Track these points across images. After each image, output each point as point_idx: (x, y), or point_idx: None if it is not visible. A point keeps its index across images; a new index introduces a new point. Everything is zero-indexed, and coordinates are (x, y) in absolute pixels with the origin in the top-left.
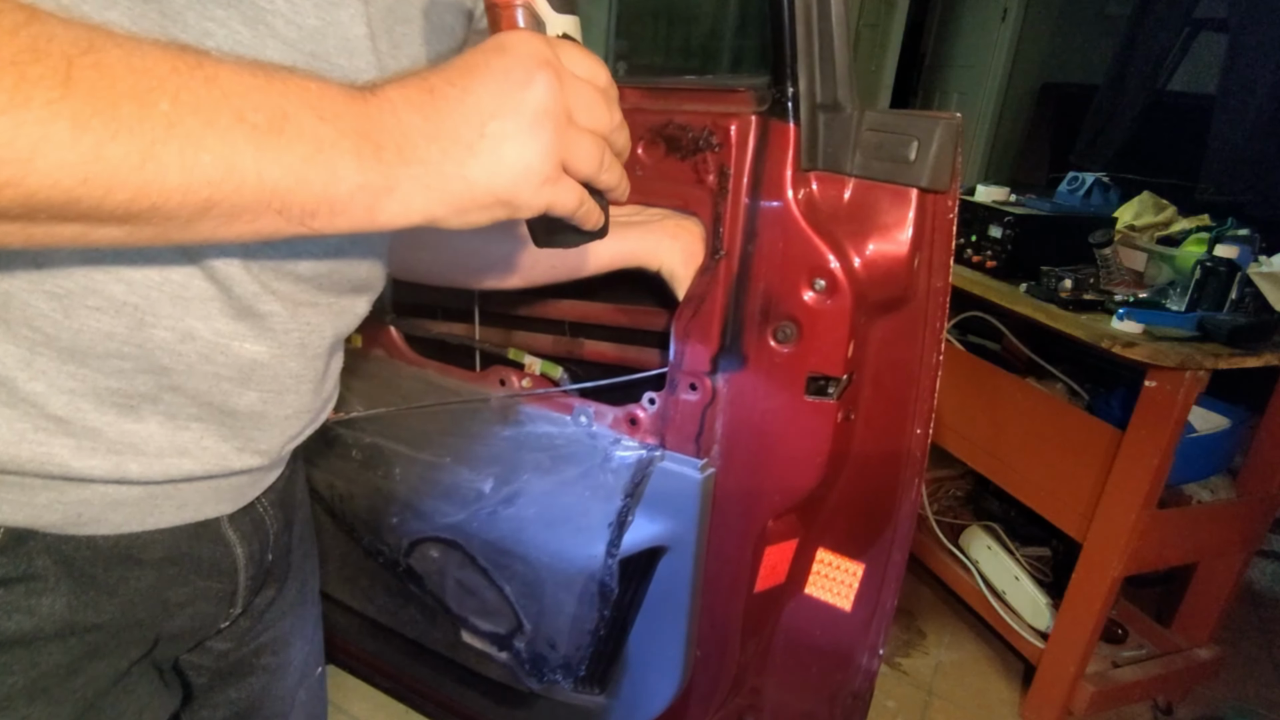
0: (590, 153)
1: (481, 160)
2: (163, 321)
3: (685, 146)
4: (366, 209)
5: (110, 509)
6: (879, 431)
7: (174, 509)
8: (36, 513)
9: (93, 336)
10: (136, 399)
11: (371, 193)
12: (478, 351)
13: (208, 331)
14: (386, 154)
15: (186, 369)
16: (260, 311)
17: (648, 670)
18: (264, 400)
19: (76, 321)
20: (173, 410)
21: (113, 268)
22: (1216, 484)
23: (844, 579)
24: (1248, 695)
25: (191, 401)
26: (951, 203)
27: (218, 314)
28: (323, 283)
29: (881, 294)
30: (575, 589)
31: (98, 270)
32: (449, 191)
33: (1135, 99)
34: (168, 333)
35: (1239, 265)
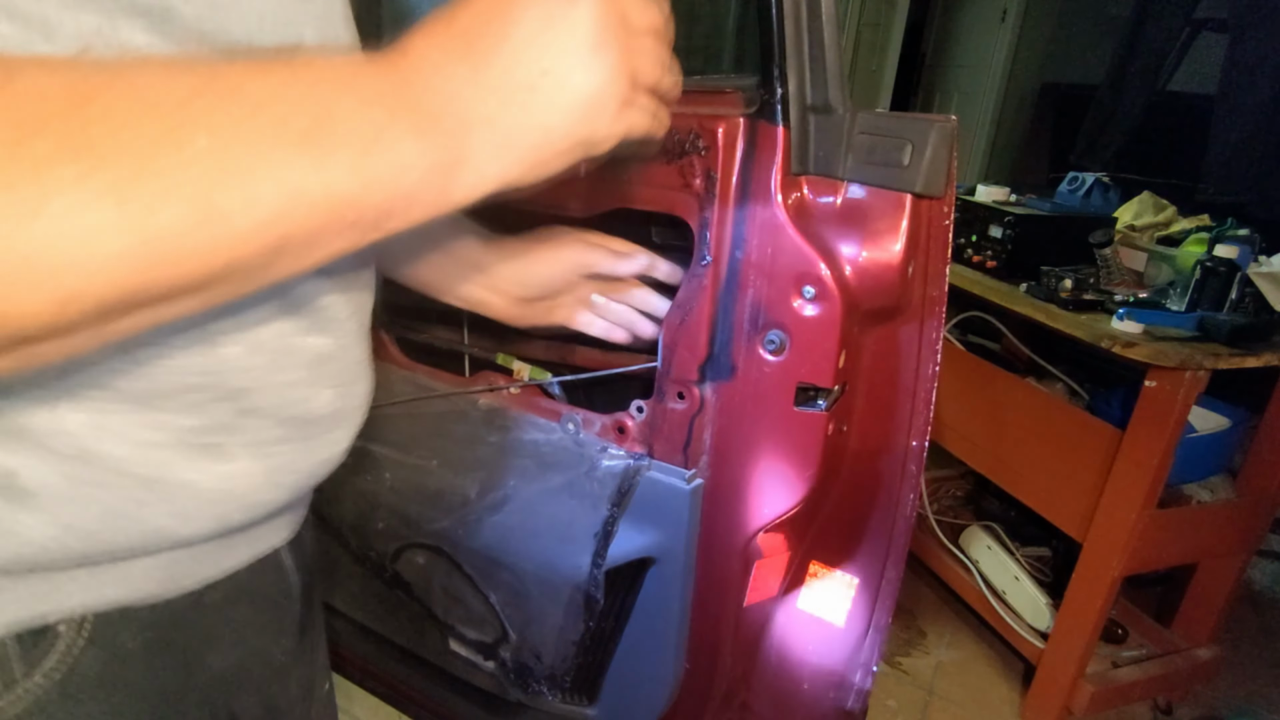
0: (656, 55)
1: (549, 100)
2: (229, 337)
3: (671, 150)
4: (440, 191)
5: (197, 561)
6: (873, 444)
7: (247, 545)
8: (134, 586)
9: (165, 375)
10: (220, 434)
11: (443, 171)
12: (467, 357)
13: (273, 336)
14: (446, 122)
15: (261, 385)
16: (319, 303)
17: (635, 683)
18: (340, 396)
19: (146, 364)
20: (258, 437)
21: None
22: (1216, 484)
23: (837, 594)
24: (1248, 695)
25: (273, 421)
26: (947, 208)
27: (279, 314)
28: (362, 257)
29: (874, 303)
30: (561, 599)
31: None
32: (524, 146)
33: (1135, 99)
34: (236, 347)
35: (1239, 265)
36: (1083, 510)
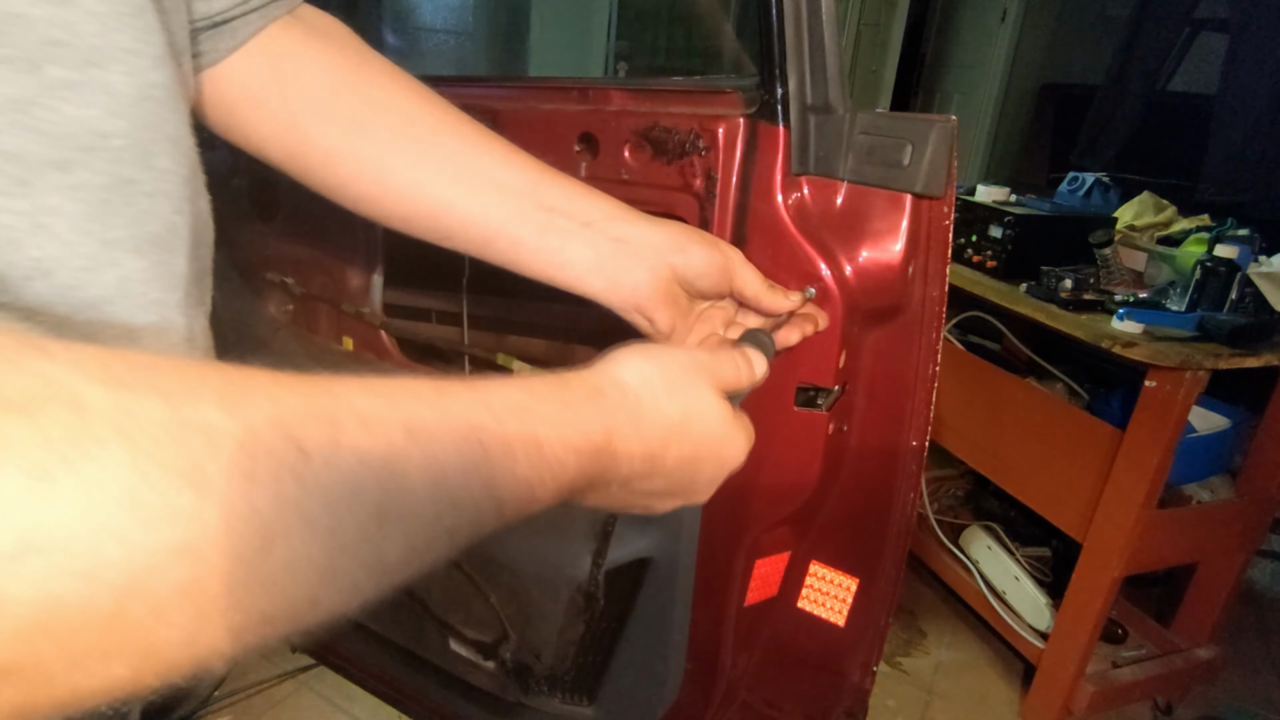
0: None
1: (665, 506)
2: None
3: (672, 150)
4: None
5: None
6: (873, 444)
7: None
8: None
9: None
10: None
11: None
12: (466, 357)
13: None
14: (597, 493)
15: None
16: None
17: (637, 683)
18: None
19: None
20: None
21: None
22: (1216, 484)
23: (837, 593)
24: (1248, 695)
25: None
26: (947, 209)
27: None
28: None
29: (874, 303)
30: (561, 599)
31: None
32: (629, 509)
33: (1135, 99)
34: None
35: (1239, 265)
36: (1083, 510)
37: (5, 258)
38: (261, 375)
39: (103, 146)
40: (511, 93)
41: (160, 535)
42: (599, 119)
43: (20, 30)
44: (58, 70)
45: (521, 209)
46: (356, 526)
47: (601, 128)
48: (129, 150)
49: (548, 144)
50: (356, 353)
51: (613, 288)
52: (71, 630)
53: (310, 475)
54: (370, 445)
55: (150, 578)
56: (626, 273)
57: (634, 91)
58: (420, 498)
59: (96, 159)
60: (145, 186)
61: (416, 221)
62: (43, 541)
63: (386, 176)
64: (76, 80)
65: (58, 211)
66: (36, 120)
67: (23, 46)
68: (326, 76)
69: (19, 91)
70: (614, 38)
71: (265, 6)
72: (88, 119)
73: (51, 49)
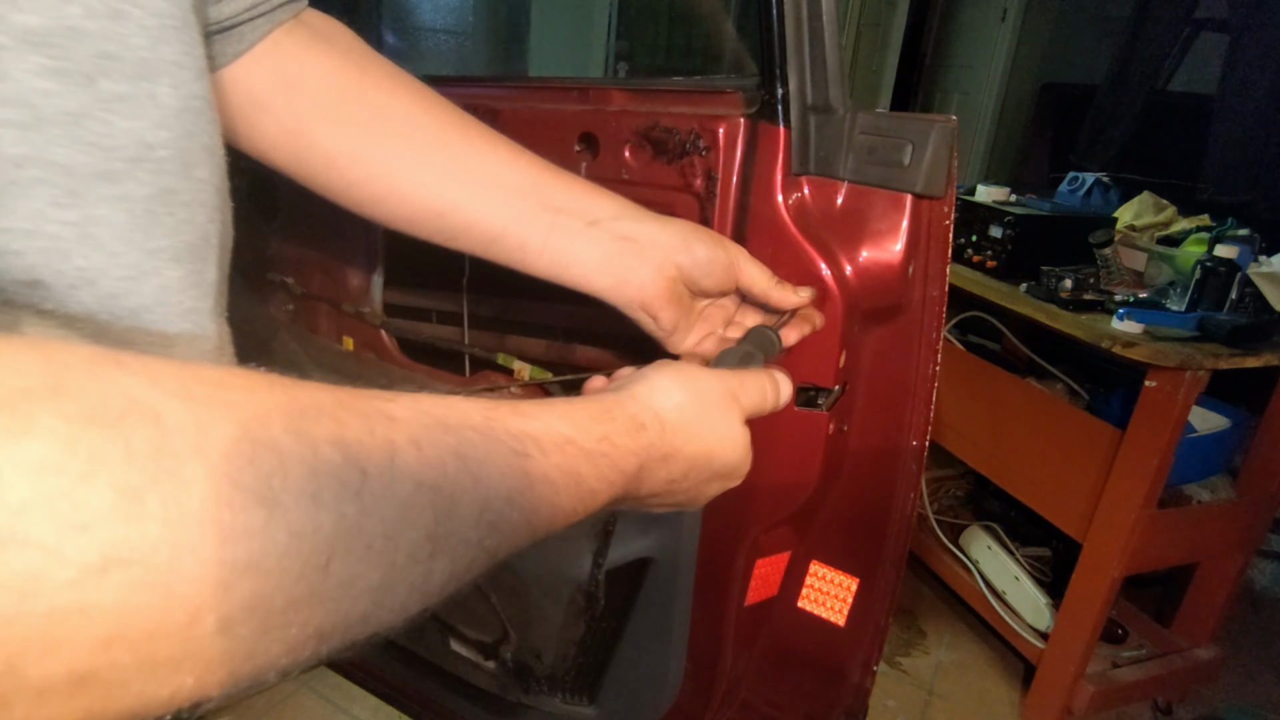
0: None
1: (662, 512)
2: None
3: (672, 150)
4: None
5: None
6: (873, 444)
7: None
8: None
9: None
10: None
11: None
12: (467, 356)
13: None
14: (622, 503)
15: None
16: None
17: (637, 683)
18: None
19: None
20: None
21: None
22: (1216, 484)
23: (837, 593)
24: (1248, 695)
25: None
26: (947, 209)
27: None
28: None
29: (874, 303)
30: (561, 599)
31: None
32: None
33: (1135, 99)
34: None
35: (1239, 265)
36: (1083, 510)
37: (53, 267)
38: (324, 395)
39: (148, 158)
40: (512, 93)
41: (233, 552)
42: (599, 119)
43: (76, 44)
44: (110, 83)
45: (527, 209)
46: (409, 548)
47: (602, 128)
48: (172, 161)
49: (548, 144)
50: (356, 353)
51: (619, 286)
52: (148, 641)
53: (369, 497)
54: (424, 470)
55: (222, 593)
56: (632, 271)
57: (634, 91)
58: (466, 522)
59: (142, 170)
60: (184, 196)
61: (422, 223)
62: (127, 556)
63: (391, 179)
64: (127, 93)
65: (104, 222)
66: (88, 132)
67: (78, 60)
68: (330, 80)
69: (73, 104)
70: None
71: (272, 11)
72: (135, 131)
73: (105, 62)
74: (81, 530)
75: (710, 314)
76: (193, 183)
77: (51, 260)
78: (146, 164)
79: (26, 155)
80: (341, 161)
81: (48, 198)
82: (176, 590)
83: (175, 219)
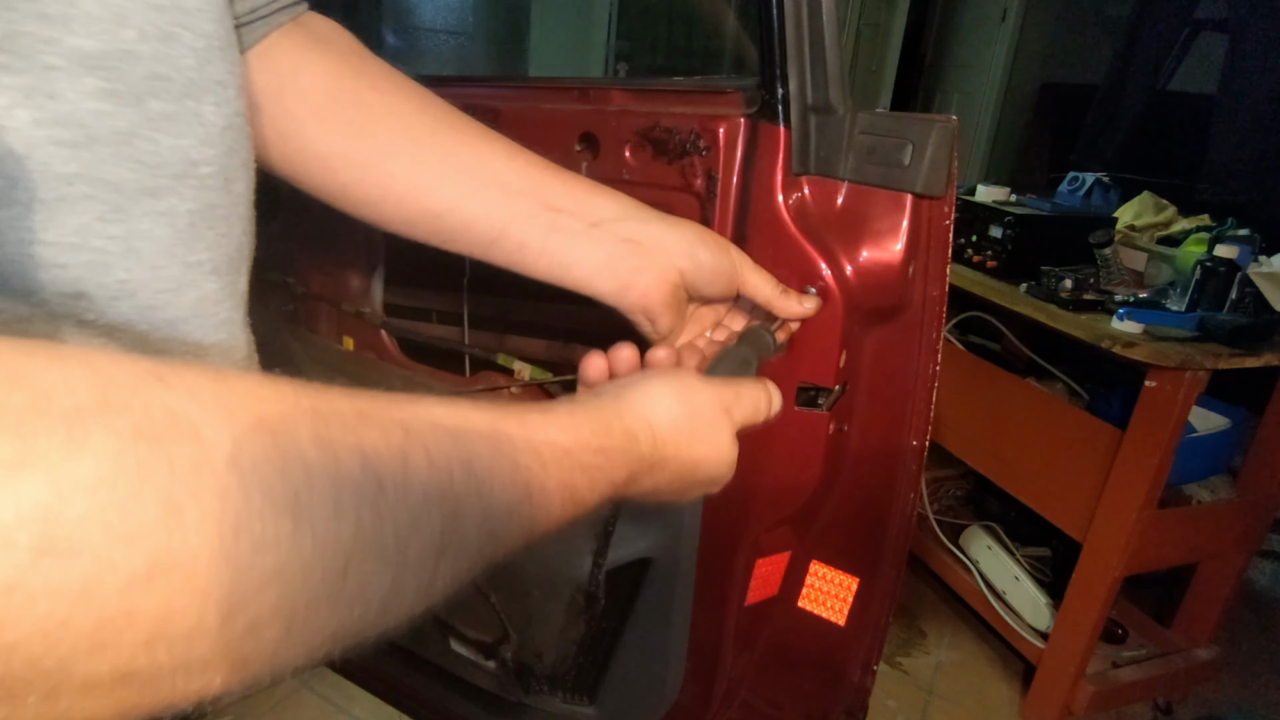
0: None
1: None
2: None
3: (672, 150)
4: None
5: None
6: (874, 443)
7: None
8: None
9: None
10: None
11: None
12: (467, 356)
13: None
14: (617, 494)
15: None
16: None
17: (637, 682)
18: None
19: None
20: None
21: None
22: (1216, 484)
23: (838, 593)
24: (1248, 695)
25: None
26: (947, 208)
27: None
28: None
29: (875, 302)
30: (562, 599)
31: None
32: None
33: (1135, 99)
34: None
35: (1239, 265)
36: (1083, 510)
37: (96, 279)
38: (345, 404)
39: (192, 174)
40: (512, 93)
41: (264, 560)
42: (600, 119)
43: (129, 66)
44: (158, 103)
45: (526, 209)
46: (418, 555)
47: (602, 128)
48: (214, 177)
49: (548, 144)
50: (356, 353)
51: (621, 290)
52: (185, 642)
53: (384, 505)
54: (435, 482)
55: (252, 597)
56: (636, 275)
57: (635, 92)
58: (470, 530)
59: (185, 186)
60: (223, 211)
61: (419, 225)
62: (169, 564)
63: (386, 180)
64: (174, 112)
65: (148, 236)
66: (136, 151)
67: (130, 81)
68: (324, 82)
69: (124, 124)
70: (614, 38)
71: (272, 14)
72: (181, 149)
73: (155, 83)
74: (130, 541)
75: (701, 315)
76: (231, 197)
77: (95, 273)
78: (190, 180)
79: (77, 173)
80: (335, 163)
81: (95, 213)
82: (212, 595)
83: (215, 233)
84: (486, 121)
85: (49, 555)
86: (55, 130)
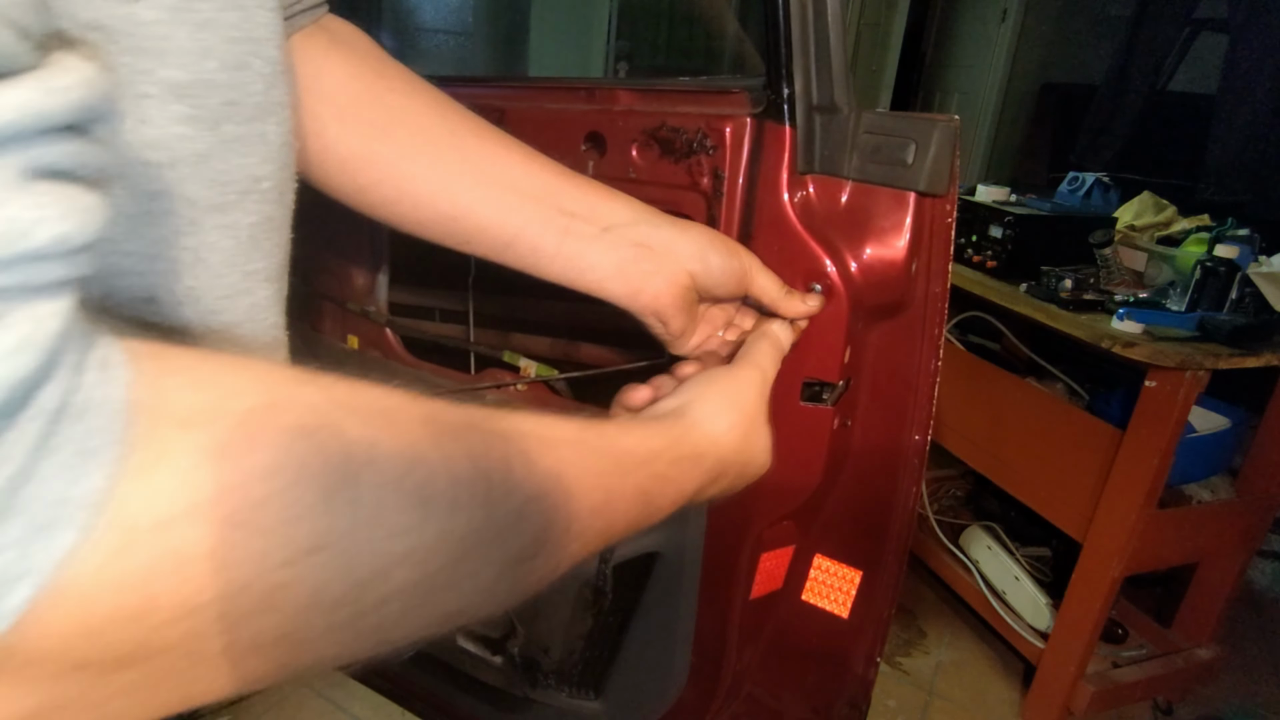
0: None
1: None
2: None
3: (679, 149)
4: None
5: None
6: (877, 438)
7: None
8: None
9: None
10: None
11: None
12: (472, 354)
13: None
14: (689, 502)
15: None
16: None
17: (643, 676)
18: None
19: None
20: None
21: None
22: (1216, 484)
23: (841, 586)
24: (1248, 695)
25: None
26: (950, 207)
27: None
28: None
29: (878, 299)
30: (568, 594)
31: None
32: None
33: (1135, 99)
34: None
35: (1239, 265)
36: (1083, 510)
37: (167, 286)
38: (453, 413)
39: (255, 190)
40: (519, 92)
41: (396, 544)
42: (606, 118)
43: (209, 94)
44: (232, 127)
45: (541, 213)
46: (518, 552)
47: (609, 127)
48: (272, 191)
49: (555, 143)
50: (361, 351)
51: (634, 294)
52: (333, 609)
53: (494, 506)
54: (532, 485)
55: (383, 576)
56: (647, 279)
57: (641, 91)
58: (559, 530)
59: (249, 201)
60: (278, 222)
61: (435, 227)
62: (324, 543)
63: (405, 181)
64: (243, 134)
65: (215, 248)
66: (211, 170)
67: (209, 108)
68: (346, 84)
69: (202, 146)
70: (614, 38)
71: (294, 17)
72: (247, 166)
73: (229, 108)
74: (295, 522)
75: (713, 315)
76: (284, 209)
77: (167, 280)
78: (253, 195)
79: (160, 190)
80: (355, 164)
81: (172, 227)
82: (355, 570)
83: (270, 243)
84: (492, 120)
85: (238, 529)
86: (145, 152)
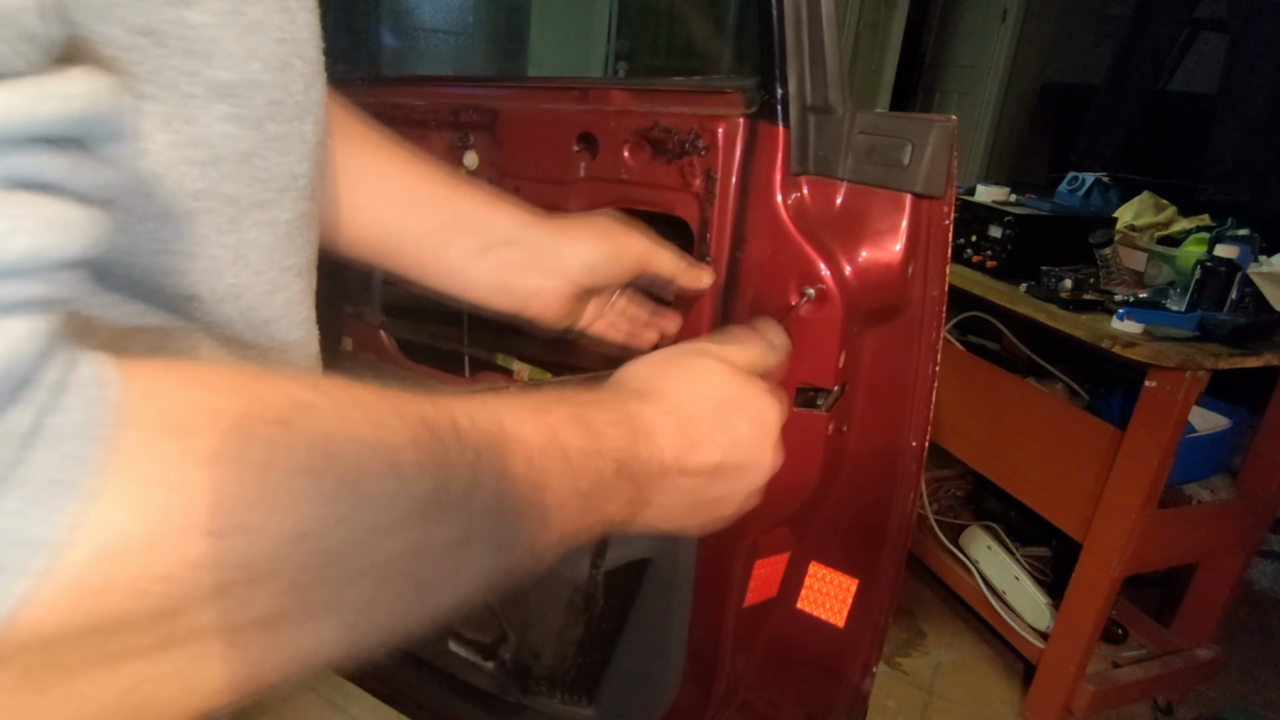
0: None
1: (715, 519)
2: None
3: (671, 150)
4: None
5: None
6: (873, 444)
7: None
8: None
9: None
10: None
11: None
12: (466, 357)
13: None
14: (643, 510)
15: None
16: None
17: (636, 683)
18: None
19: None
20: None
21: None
22: (1216, 484)
23: (837, 594)
24: (1248, 695)
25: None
26: (947, 208)
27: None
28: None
29: (874, 303)
30: (560, 600)
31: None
32: (675, 528)
33: (1135, 99)
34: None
35: (1239, 265)
36: (1083, 510)
37: (209, 284)
38: (435, 409)
39: (293, 187)
40: (511, 92)
41: (374, 518)
42: (599, 119)
43: (254, 94)
44: (274, 126)
45: (421, 225)
46: (505, 554)
47: (601, 128)
48: (306, 188)
49: (547, 144)
50: (355, 353)
51: (520, 306)
52: (309, 588)
53: (473, 504)
54: (510, 485)
55: (361, 573)
56: (532, 294)
57: (634, 91)
58: (530, 526)
59: (287, 198)
60: (310, 218)
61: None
62: (309, 531)
63: None
64: (284, 133)
65: (255, 245)
66: (253, 168)
67: (254, 107)
68: None
69: (245, 145)
70: (614, 37)
71: None
72: (286, 164)
73: (273, 108)
74: (283, 512)
75: (630, 313)
76: (315, 205)
77: (209, 278)
78: (291, 193)
79: (204, 189)
80: None
81: (214, 225)
82: (334, 561)
83: (303, 238)
84: (485, 121)
85: (228, 536)
86: (189, 151)
